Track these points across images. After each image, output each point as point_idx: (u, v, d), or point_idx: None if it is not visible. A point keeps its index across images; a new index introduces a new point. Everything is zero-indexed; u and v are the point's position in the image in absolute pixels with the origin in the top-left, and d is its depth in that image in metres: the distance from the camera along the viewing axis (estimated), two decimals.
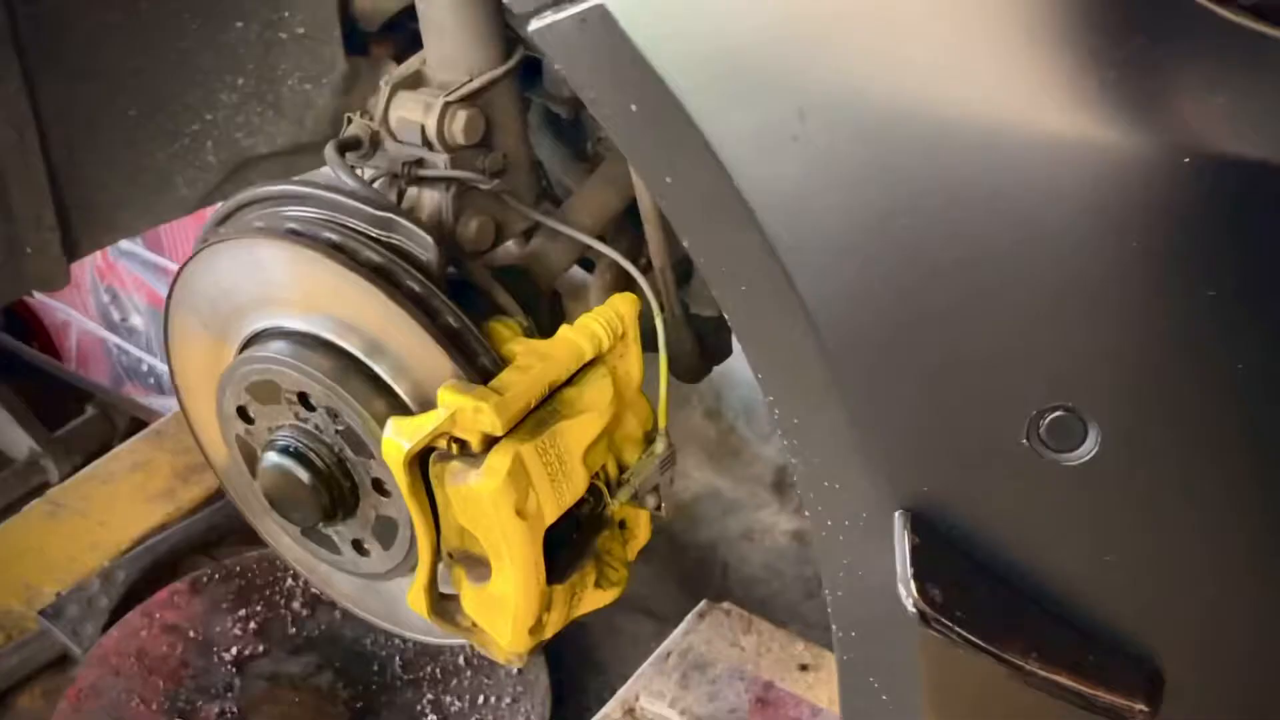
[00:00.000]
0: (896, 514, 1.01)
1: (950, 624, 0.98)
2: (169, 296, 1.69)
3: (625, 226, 1.92)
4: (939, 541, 1.00)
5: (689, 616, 2.33)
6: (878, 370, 0.99)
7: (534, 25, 1.00)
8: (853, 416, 1.00)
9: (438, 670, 2.26)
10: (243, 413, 1.63)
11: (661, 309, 1.64)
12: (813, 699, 2.18)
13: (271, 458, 1.59)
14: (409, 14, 1.93)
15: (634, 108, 0.98)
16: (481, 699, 2.21)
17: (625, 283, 1.85)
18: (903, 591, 0.99)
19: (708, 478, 2.99)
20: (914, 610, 0.98)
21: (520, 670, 2.25)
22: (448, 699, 2.21)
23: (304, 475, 1.57)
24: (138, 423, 2.98)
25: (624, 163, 1.79)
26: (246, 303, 1.61)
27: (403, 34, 2.00)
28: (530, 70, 1.80)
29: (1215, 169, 0.87)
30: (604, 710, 2.16)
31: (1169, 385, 0.94)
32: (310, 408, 1.56)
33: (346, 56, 1.95)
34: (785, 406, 1.05)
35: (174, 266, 4.07)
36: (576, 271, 1.97)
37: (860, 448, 1.02)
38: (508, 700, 2.21)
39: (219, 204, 1.94)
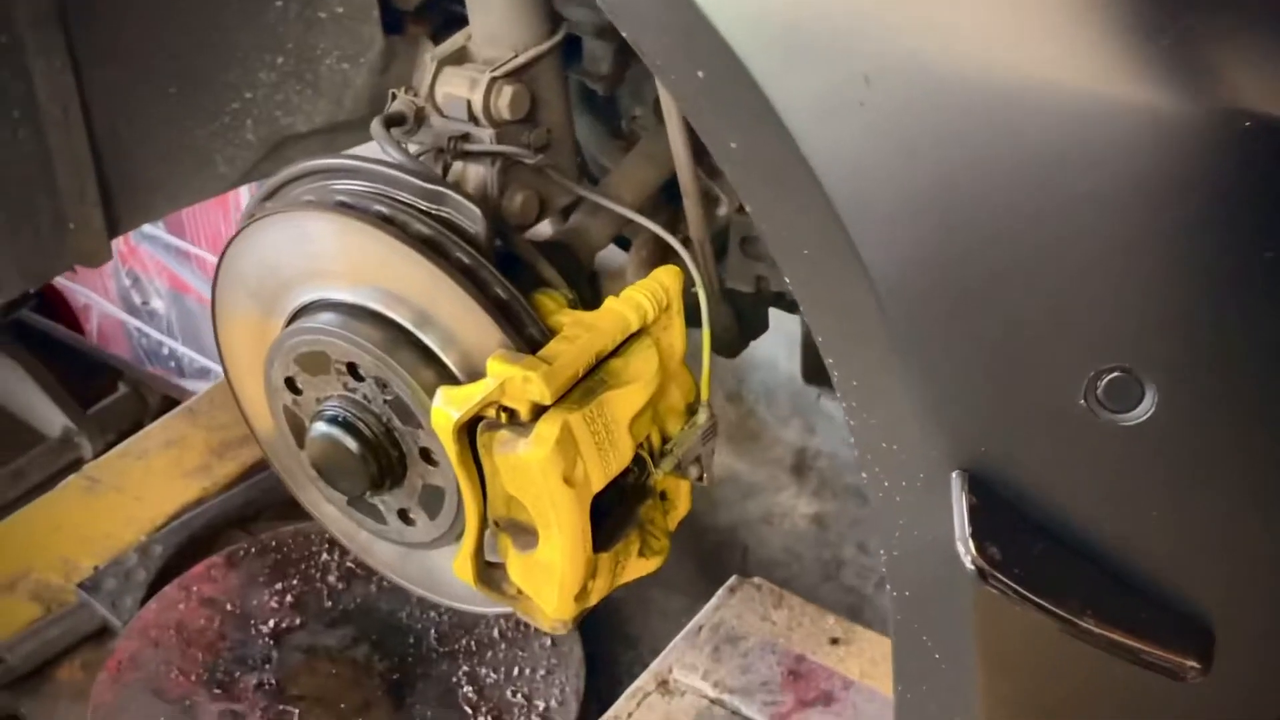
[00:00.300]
0: (954, 474, 1.03)
1: (1008, 581, 1.01)
2: (217, 269, 1.71)
3: (661, 203, 1.94)
4: (996, 501, 1.02)
5: (720, 591, 2.35)
6: (938, 331, 1.01)
7: None
8: (912, 378, 1.03)
9: (473, 643, 2.29)
10: (291, 384, 1.65)
11: (704, 281, 1.66)
12: (844, 672, 2.21)
13: (320, 427, 1.61)
14: None
15: (700, 74, 1.00)
16: (516, 671, 2.24)
17: (662, 259, 1.87)
18: (961, 549, 1.01)
19: (728, 461, 3.00)
20: (972, 568, 1.01)
21: (554, 643, 2.28)
22: (483, 671, 2.24)
23: (352, 444, 1.59)
24: (169, 401, 3.01)
25: (662, 139, 1.81)
26: (295, 275, 1.63)
27: (438, 13, 2.03)
28: (568, 48, 1.82)
29: (1274, 133, 0.89)
30: (638, 682, 2.19)
31: (1225, 347, 0.96)
32: (359, 378, 1.58)
33: (384, 35, 1.97)
34: (844, 368, 1.07)
35: (195, 250, 4.12)
36: (611, 250, 1.99)
37: (918, 409, 1.04)
38: (542, 672, 2.24)
39: (258, 182, 1.97)
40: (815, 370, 2.90)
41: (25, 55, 1.86)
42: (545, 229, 1.86)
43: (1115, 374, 0.97)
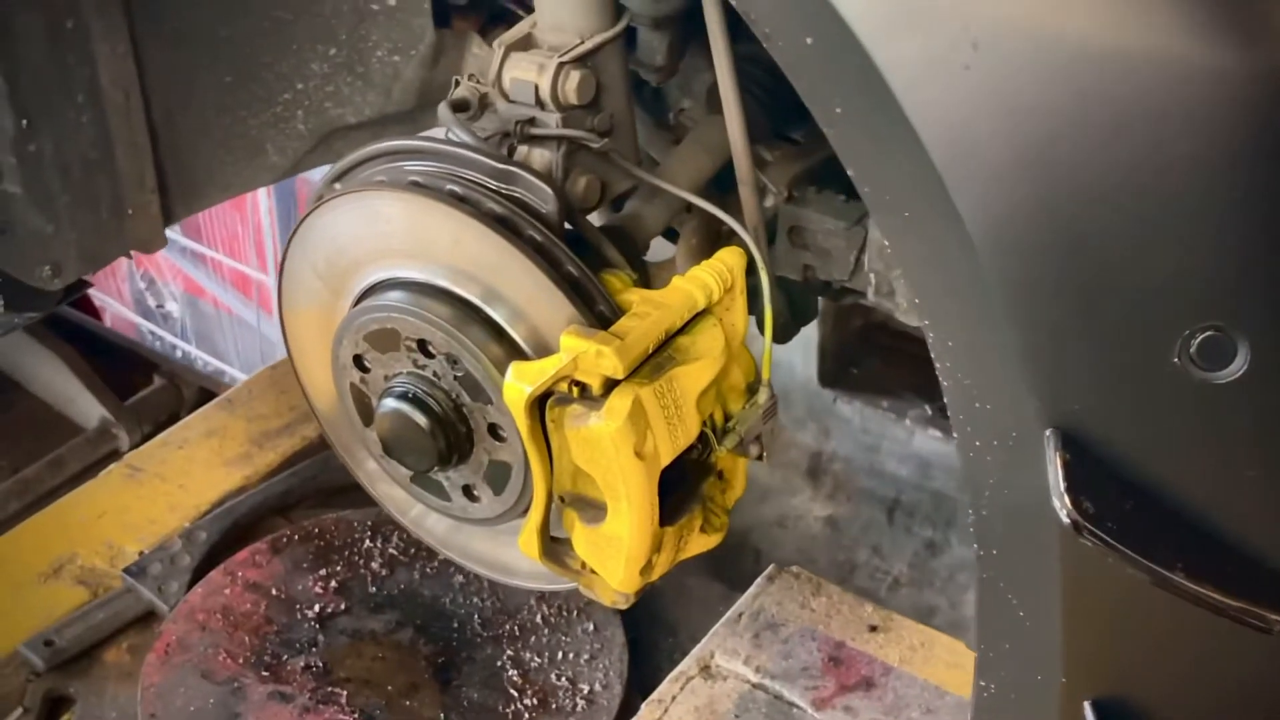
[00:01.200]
0: (1048, 432, 1.06)
1: (1102, 535, 1.04)
2: (285, 251, 1.74)
3: (712, 193, 1.97)
4: (1088, 458, 1.06)
5: (759, 579, 2.38)
6: (1034, 291, 1.04)
7: None
8: (1007, 337, 1.06)
9: (516, 628, 2.31)
10: (359, 361, 1.68)
11: (764, 264, 1.70)
12: (883, 658, 2.23)
13: (389, 403, 1.64)
14: None
15: (809, 40, 1.03)
16: (560, 655, 2.27)
17: (711, 249, 1.90)
18: (1057, 504, 1.04)
19: None
20: (1068, 521, 1.04)
21: (597, 628, 2.31)
22: (527, 655, 2.27)
23: (422, 420, 1.62)
24: (205, 393, 3.04)
25: (714, 129, 1.85)
26: (365, 254, 1.66)
27: (485, 8, 2.06)
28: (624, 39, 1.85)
29: None
30: (680, 667, 2.21)
31: None
32: (429, 355, 1.61)
33: (434, 29, 2.01)
34: (940, 329, 1.10)
35: (211, 254, 4.15)
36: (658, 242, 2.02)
37: (1013, 368, 1.07)
38: (586, 656, 2.27)
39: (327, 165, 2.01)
40: (831, 374, 2.93)
41: (90, 40, 1.90)
42: (596, 216, 1.89)
43: (1209, 333, 1.00)
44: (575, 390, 1.51)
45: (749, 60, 1.82)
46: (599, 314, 1.56)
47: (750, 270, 1.68)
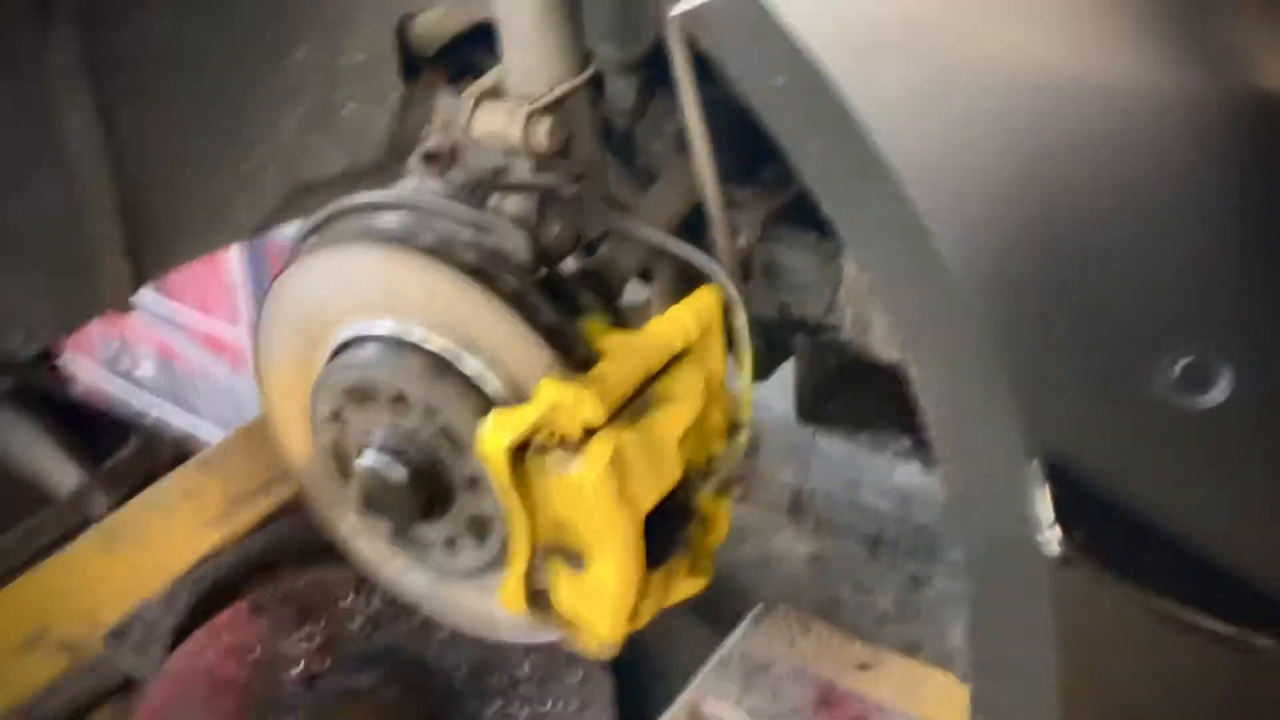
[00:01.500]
0: (1034, 463, 1.06)
1: (1092, 565, 1.03)
2: (261, 308, 1.73)
3: (683, 234, 1.97)
4: (1075, 487, 1.06)
5: (746, 620, 2.37)
6: (1015, 321, 1.04)
7: (679, 9, 1.06)
8: (990, 368, 1.06)
9: (503, 680, 2.30)
10: (337, 416, 1.67)
11: (742, 303, 1.69)
12: (874, 697, 2.23)
13: (368, 458, 1.63)
14: (463, 39, 2.00)
15: (780, 81, 1.04)
16: (549, 705, 2.25)
17: (684, 290, 1.90)
18: (1046, 535, 1.04)
19: None
20: (1058, 552, 1.04)
21: (585, 676, 2.29)
22: (515, 707, 2.25)
23: (401, 474, 1.61)
24: (180, 455, 3.02)
25: (685, 172, 1.85)
26: (341, 308, 1.65)
27: (455, 59, 2.07)
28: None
29: None
30: (670, 713, 2.20)
31: None
32: (407, 407, 1.60)
33: (403, 82, 2.01)
34: (924, 363, 1.10)
35: (183, 313, 4.14)
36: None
37: (997, 400, 1.07)
38: (575, 706, 2.25)
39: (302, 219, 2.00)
40: (810, 410, 2.93)
41: (57, 107, 1.90)
42: (570, 262, 1.89)
43: (1190, 359, 1.01)
44: (555, 438, 1.50)
45: (716, 103, 1.83)
46: (577, 360, 1.55)
47: (727, 309, 1.68)
